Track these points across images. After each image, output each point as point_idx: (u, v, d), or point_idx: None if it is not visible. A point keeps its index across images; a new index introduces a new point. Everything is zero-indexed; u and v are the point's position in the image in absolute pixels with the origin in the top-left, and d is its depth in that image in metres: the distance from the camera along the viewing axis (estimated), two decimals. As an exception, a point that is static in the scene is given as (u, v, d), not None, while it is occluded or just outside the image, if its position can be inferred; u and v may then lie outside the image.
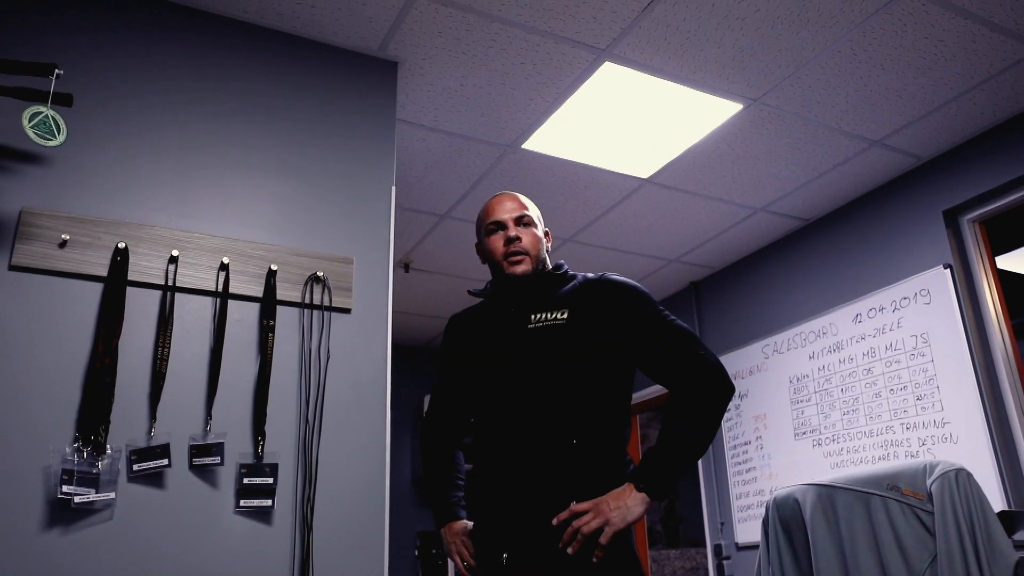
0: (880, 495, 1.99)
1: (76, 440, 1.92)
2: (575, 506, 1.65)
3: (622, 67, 2.89)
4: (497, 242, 1.88)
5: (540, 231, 1.92)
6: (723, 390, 1.72)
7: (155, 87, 2.34)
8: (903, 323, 3.62)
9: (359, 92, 2.68)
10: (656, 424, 6.77)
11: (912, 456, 3.46)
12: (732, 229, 4.26)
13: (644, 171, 3.62)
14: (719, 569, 4.46)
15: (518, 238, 1.85)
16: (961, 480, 1.89)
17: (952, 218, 3.55)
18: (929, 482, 1.92)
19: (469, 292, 2.05)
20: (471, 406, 1.92)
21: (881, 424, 3.64)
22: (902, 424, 3.54)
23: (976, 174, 3.41)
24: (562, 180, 3.67)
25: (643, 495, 1.64)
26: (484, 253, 1.94)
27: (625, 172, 3.62)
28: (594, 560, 1.61)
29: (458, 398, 2.01)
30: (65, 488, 1.85)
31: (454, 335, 2.03)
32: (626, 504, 1.63)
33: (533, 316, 1.82)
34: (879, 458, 3.61)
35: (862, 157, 3.57)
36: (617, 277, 1.87)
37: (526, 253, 1.85)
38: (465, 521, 1.90)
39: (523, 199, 1.94)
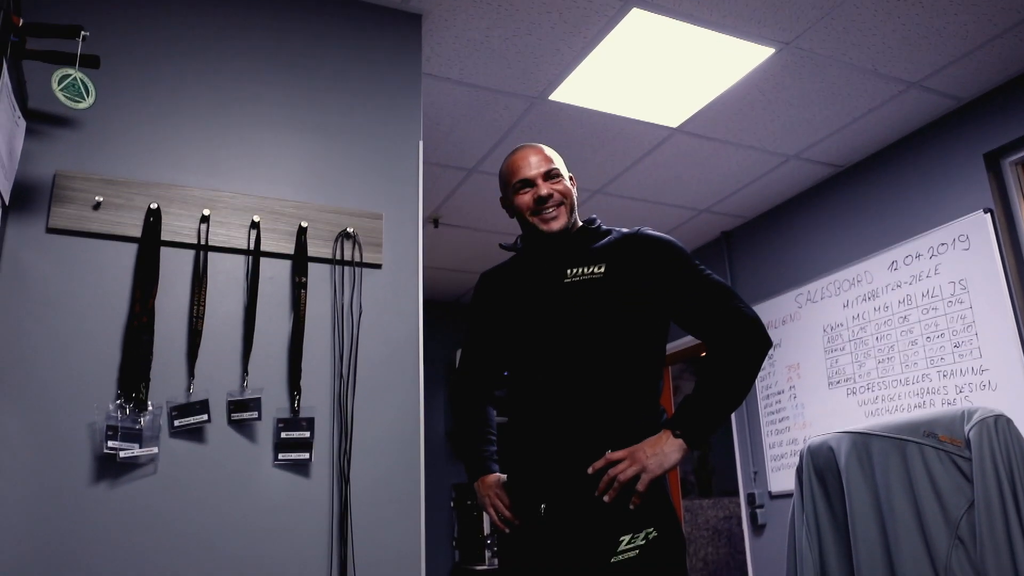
0: (916, 442, 1.97)
1: (119, 397, 1.96)
2: (611, 454, 1.66)
3: (650, 13, 2.83)
4: (528, 200, 1.86)
5: (567, 180, 1.90)
6: (760, 343, 1.73)
7: (181, 47, 2.33)
8: (941, 270, 3.55)
9: (384, 46, 2.65)
10: (688, 376, 6.77)
11: (949, 404, 3.42)
12: (764, 177, 4.19)
13: (674, 120, 3.56)
14: (752, 517, 4.48)
15: (551, 195, 1.84)
16: (1000, 426, 1.86)
17: (993, 161, 3.44)
18: (967, 428, 1.90)
19: (500, 246, 2.04)
20: (506, 360, 1.93)
21: (917, 372, 3.60)
22: (939, 372, 3.50)
23: (1019, 115, 3.30)
24: (590, 131, 3.62)
25: (679, 441, 1.65)
26: (512, 209, 1.92)
27: (654, 121, 3.56)
28: (631, 507, 1.62)
29: (491, 353, 2.02)
30: (111, 443, 1.90)
31: (486, 291, 2.02)
32: (663, 450, 1.64)
33: (570, 271, 1.82)
34: (915, 406, 3.58)
35: (899, 100, 3.47)
36: (653, 232, 1.86)
37: (560, 204, 1.85)
38: (498, 474, 1.91)
39: (546, 150, 1.91)
